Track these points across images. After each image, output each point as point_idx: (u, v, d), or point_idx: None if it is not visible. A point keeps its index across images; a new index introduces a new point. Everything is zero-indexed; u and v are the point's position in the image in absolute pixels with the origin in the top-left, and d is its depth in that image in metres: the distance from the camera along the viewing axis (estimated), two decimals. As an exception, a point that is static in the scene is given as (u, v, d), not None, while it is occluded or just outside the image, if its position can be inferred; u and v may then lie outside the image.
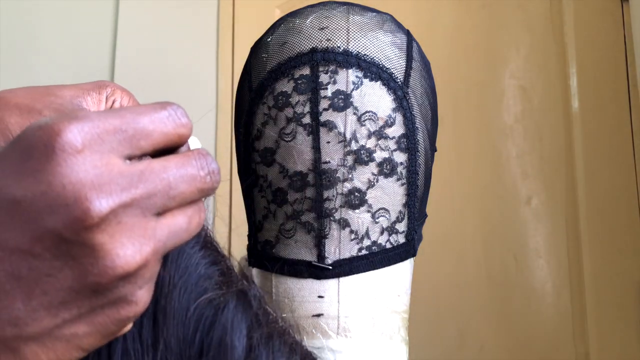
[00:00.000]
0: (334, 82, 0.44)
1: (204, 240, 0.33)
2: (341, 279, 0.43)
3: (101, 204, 0.23)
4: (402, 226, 0.45)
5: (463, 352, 1.19)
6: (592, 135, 1.14)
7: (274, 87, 0.46)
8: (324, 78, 0.44)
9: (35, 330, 0.24)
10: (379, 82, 0.45)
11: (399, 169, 0.45)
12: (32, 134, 0.23)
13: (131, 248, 0.24)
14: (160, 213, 0.25)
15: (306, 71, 0.45)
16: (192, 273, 0.31)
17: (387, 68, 0.46)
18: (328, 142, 0.44)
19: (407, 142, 0.45)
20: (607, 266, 1.09)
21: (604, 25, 1.16)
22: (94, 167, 0.23)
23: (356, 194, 0.44)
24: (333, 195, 0.44)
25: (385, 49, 0.46)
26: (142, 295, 0.25)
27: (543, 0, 1.22)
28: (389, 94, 0.45)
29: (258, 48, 0.50)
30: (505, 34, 1.25)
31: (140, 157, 0.25)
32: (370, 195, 0.44)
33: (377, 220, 0.44)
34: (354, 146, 0.44)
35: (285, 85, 0.45)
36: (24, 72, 1.36)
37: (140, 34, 1.50)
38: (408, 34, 0.49)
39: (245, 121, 0.48)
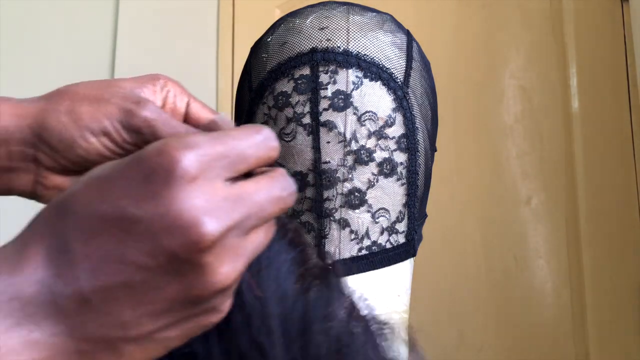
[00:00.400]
0: (334, 82, 0.44)
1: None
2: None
3: (214, 229, 0.25)
4: (402, 226, 0.45)
5: (463, 352, 1.19)
6: (592, 135, 1.14)
7: (274, 87, 0.46)
8: (324, 78, 0.44)
9: (138, 333, 0.26)
10: (379, 82, 0.45)
11: (399, 169, 0.45)
12: (152, 159, 0.26)
13: (230, 266, 0.27)
14: (249, 231, 0.28)
15: (306, 71, 0.45)
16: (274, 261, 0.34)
17: (387, 68, 0.45)
18: (328, 142, 0.44)
19: (407, 142, 0.45)
20: (607, 266, 1.09)
21: (604, 25, 1.16)
22: (205, 192, 0.26)
23: (356, 194, 0.44)
24: (333, 195, 0.44)
25: (385, 49, 0.46)
26: (228, 304, 0.29)
27: (543, 0, 1.22)
28: (389, 94, 0.45)
29: (258, 48, 0.50)
30: (505, 34, 1.25)
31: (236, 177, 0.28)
32: (370, 195, 0.44)
33: (377, 220, 0.44)
34: (354, 146, 0.44)
35: (285, 85, 0.45)
36: (24, 72, 1.36)
37: (140, 34, 1.50)
38: (408, 34, 0.49)
39: (245, 121, 0.48)
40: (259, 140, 0.29)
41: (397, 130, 0.45)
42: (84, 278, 0.25)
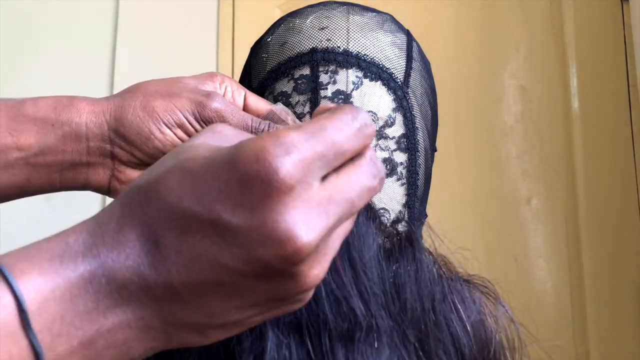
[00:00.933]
0: (334, 82, 0.44)
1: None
2: (341, 279, 0.43)
3: (310, 242, 0.25)
4: (402, 226, 0.45)
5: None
6: (592, 135, 1.14)
7: (274, 87, 0.46)
8: (324, 78, 0.44)
9: (225, 322, 0.27)
10: (379, 82, 0.45)
11: (399, 169, 0.45)
12: (249, 166, 0.25)
13: (319, 268, 0.27)
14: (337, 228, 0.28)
15: (306, 71, 0.45)
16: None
17: (387, 68, 0.45)
18: (328, 142, 0.44)
19: (407, 142, 0.45)
20: (607, 266, 1.09)
21: (604, 25, 1.16)
22: (302, 200, 0.25)
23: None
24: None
25: (385, 49, 0.46)
26: (310, 294, 0.29)
27: (543, 0, 1.22)
28: (389, 94, 0.45)
29: (258, 48, 0.50)
30: (505, 34, 1.25)
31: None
32: (370, 195, 0.44)
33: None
34: (354, 146, 0.43)
35: (285, 85, 0.45)
36: (24, 72, 1.36)
37: (140, 34, 1.50)
38: (408, 34, 0.49)
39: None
40: (357, 129, 0.27)
41: (397, 130, 0.45)
42: (175, 272, 0.26)
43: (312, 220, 0.25)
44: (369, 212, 0.37)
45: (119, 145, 0.39)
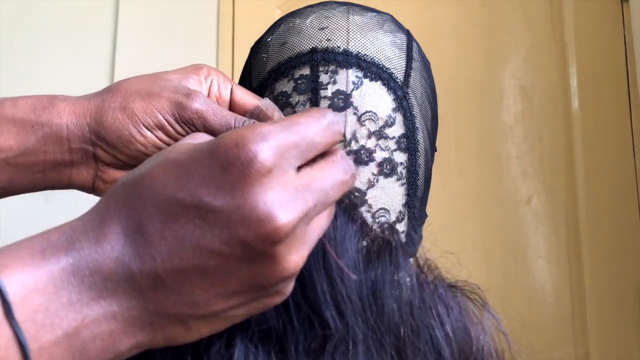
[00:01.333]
0: (334, 82, 0.44)
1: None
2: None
3: (288, 222, 0.26)
4: (402, 226, 0.45)
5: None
6: (592, 135, 1.14)
7: (274, 87, 0.46)
8: (324, 78, 0.44)
9: (207, 312, 0.28)
10: (379, 82, 0.45)
11: (399, 169, 0.45)
12: (230, 151, 0.26)
13: (297, 255, 0.28)
14: (314, 217, 0.29)
15: (306, 71, 0.45)
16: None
17: (387, 68, 0.45)
18: (328, 142, 0.44)
19: (407, 142, 0.45)
20: (607, 266, 1.09)
21: (604, 25, 1.16)
22: (278, 184, 0.27)
23: (356, 194, 0.44)
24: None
25: (385, 49, 0.46)
26: (290, 287, 0.30)
27: (543, 0, 1.22)
28: (389, 94, 0.45)
29: (258, 48, 0.50)
30: (505, 34, 1.25)
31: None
32: (370, 195, 0.44)
33: (377, 220, 0.44)
34: (353, 146, 0.43)
35: (285, 85, 0.45)
36: (24, 73, 1.36)
37: (140, 34, 1.50)
38: (408, 34, 0.49)
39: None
40: (325, 125, 0.30)
41: (397, 130, 0.45)
42: (159, 259, 0.27)
43: (289, 204, 0.27)
44: (349, 214, 0.37)
45: (100, 148, 0.39)
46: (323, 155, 0.30)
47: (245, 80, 0.50)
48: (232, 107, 0.42)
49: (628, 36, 1.12)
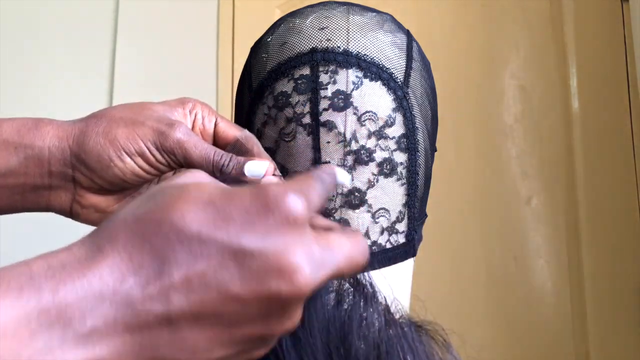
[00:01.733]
0: (334, 82, 0.44)
1: None
2: (341, 279, 0.43)
3: (314, 281, 0.26)
4: (402, 226, 0.45)
5: (462, 353, 1.19)
6: (592, 135, 1.14)
7: (274, 87, 0.46)
8: (324, 78, 0.44)
9: (203, 358, 0.26)
10: (379, 82, 0.45)
11: (399, 169, 0.45)
12: (271, 198, 0.26)
13: (300, 313, 0.28)
14: None
15: (306, 71, 0.45)
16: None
17: (387, 68, 0.45)
18: (328, 142, 0.44)
19: (407, 142, 0.45)
20: (607, 266, 1.09)
21: (604, 25, 1.16)
22: (311, 240, 0.27)
23: (356, 194, 0.44)
24: (333, 195, 0.44)
25: (385, 49, 0.46)
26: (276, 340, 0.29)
27: (543, 0, 1.22)
28: (389, 94, 0.45)
29: (258, 48, 0.50)
30: (505, 34, 1.25)
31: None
32: (370, 195, 0.44)
33: (377, 220, 0.44)
34: (354, 146, 0.44)
35: (285, 85, 0.45)
36: (23, 73, 1.36)
37: (140, 34, 1.50)
38: (408, 34, 0.49)
39: (245, 121, 0.48)
40: (331, 180, 0.30)
41: (397, 130, 0.45)
42: (176, 301, 0.25)
43: (317, 263, 0.27)
44: None
45: (79, 171, 0.39)
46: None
47: (245, 80, 0.50)
48: (216, 139, 0.43)
49: (628, 36, 1.12)
